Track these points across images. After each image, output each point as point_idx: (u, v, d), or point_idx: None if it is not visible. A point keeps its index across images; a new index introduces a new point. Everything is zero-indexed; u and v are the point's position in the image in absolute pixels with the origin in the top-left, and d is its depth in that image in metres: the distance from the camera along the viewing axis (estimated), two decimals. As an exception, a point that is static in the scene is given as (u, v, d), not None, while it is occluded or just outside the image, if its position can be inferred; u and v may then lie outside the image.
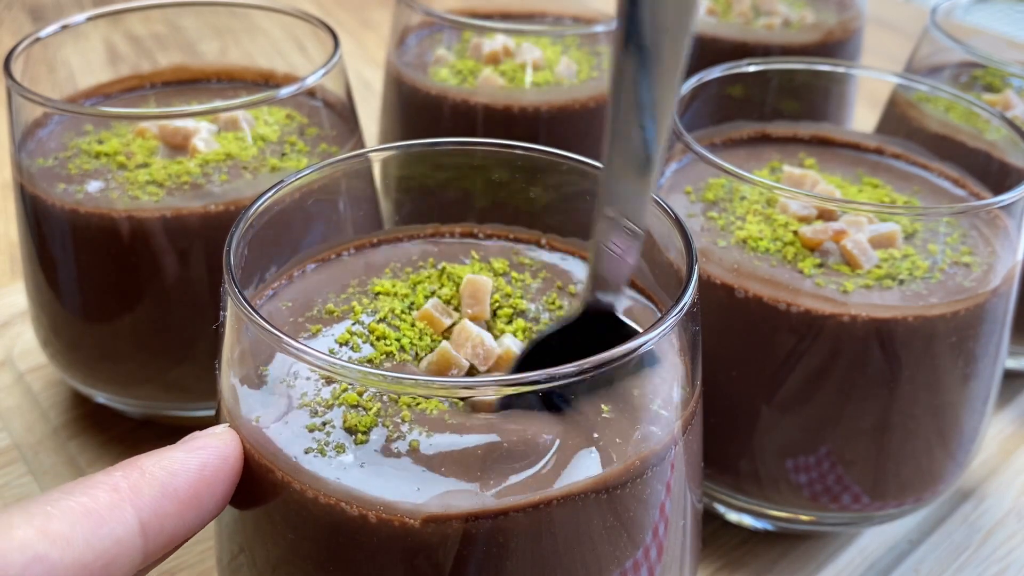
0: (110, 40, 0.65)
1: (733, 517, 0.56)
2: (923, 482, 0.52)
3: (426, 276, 0.43)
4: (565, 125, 0.67)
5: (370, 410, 0.34)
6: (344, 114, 0.61)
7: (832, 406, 0.49)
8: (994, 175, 0.56)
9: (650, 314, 0.42)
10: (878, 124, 0.71)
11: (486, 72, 0.68)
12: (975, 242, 0.51)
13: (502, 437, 0.33)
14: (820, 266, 0.49)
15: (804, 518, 0.53)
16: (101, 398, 0.60)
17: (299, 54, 0.67)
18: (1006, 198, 0.48)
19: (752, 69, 0.60)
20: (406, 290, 0.43)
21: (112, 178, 0.54)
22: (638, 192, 0.34)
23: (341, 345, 0.40)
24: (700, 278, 0.39)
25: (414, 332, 0.40)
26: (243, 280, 0.39)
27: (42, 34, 0.60)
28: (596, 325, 0.38)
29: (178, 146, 0.56)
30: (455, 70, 0.70)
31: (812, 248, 0.50)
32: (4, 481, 0.57)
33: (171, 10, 0.67)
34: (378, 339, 0.40)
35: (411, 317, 0.41)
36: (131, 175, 0.54)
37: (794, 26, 0.83)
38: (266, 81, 0.67)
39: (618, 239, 0.36)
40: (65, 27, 0.61)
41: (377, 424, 0.34)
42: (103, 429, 0.61)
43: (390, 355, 0.39)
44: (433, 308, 0.41)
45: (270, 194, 0.40)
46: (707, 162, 0.49)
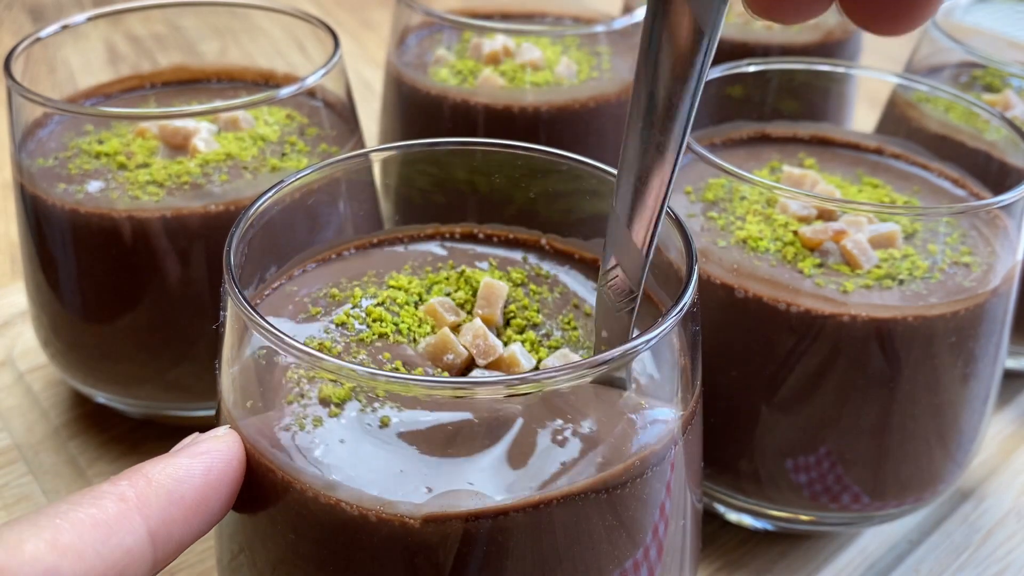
0: (110, 40, 0.65)
1: (733, 517, 0.56)
2: (923, 482, 0.52)
3: (444, 277, 0.44)
4: (565, 125, 0.67)
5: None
6: (344, 114, 0.61)
7: (832, 406, 0.49)
8: (994, 175, 0.56)
9: (650, 314, 0.42)
10: (878, 124, 0.71)
11: (486, 72, 0.68)
12: (975, 242, 0.51)
13: (503, 437, 0.33)
14: (820, 266, 0.49)
15: (804, 518, 0.53)
16: (101, 398, 0.60)
17: (299, 54, 0.67)
18: (1006, 198, 0.48)
19: (752, 69, 0.60)
20: (420, 289, 0.43)
21: (112, 178, 0.54)
22: (636, 255, 0.35)
23: (337, 326, 0.40)
24: (700, 278, 0.39)
25: (413, 320, 0.41)
26: (243, 280, 0.39)
27: (42, 34, 0.60)
28: None
29: (178, 146, 0.56)
30: (455, 70, 0.70)
31: (812, 248, 0.50)
32: (4, 481, 0.57)
33: (171, 10, 0.67)
34: (374, 320, 0.40)
35: (414, 309, 0.41)
36: (131, 175, 0.54)
37: (794, 26, 0.83)
38: (266, 81, 0.67)
39: (614, 288, 0.36)
40: (65, 27, 0.61)
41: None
42: (103, 429, 0.61)
43: (383, 336, 0.40)
44: (439, 304, 0.41)
45: (270, 194, 0.40)
46: (707, 162, 0.49)
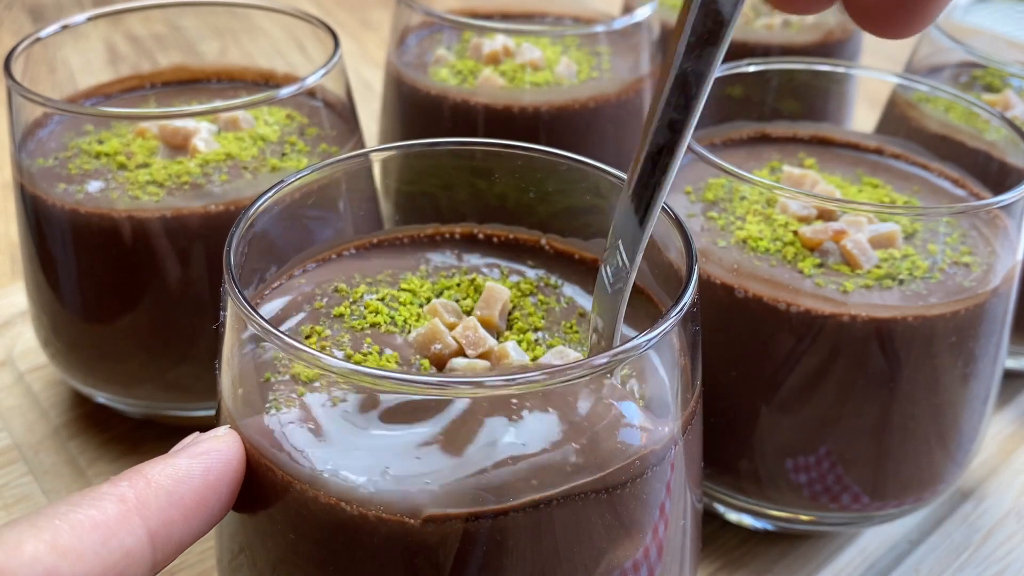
0: (110, 40, 0.65)
1: (733, 517, 0.56)
2: (923, 482, 0.52)
3: (456, 283, 0.44)
4: (565, 125, 0.67)
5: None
6: (344, 114, 0.61)
7: (832, 406, 0.49)
8: (994, 175, 0.56)
9: (650, 314, 0.42)
10: (878, 124, 0.71)
11: (486, 72, 0.68)
12: (975, 242, 0.51)
13: (503, 437, 0.33)
14: (820, 266, 0.49)
15: (804, 518, 0.53)
16: (101, 398, 0.60)
17: (299, 54, 0.67)
18: (1006, 198, 0.48)
19: (752, 69, 0.60)
20: (430, 293, 0.43)
21: (112, 178, 0.54)
22: (637, 231, 0.35)
23: (335, 318, 0.41)
24: (700, 278, 0.39)
25: (412, 315, 0.41)
26: (243, 280, 0.39)
27: (42, 34, 0.60)
28: None
29: (178, 146, 0.56)
30: (455, 70, 0.70)
31: (812, 248, 0.50)
32: (4, 481, 0.57)
33: (171, 10, 0.67)
34: (371, 312, 0.41)
35: (417, 308, 0.42)
36: (131, 175, 0.54)
37: (794, 26, 0.83)
38: (266, 81, 0.67)
39: (612, 265, 0.36)
40: (65, 27, 0.61)
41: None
42: (103, 429, 0.61)
43: (375, 325, 0.40)
44: (441, 305, 0.41)
45: (270, 194, 0.40)
46: (707, 162, 0.49)
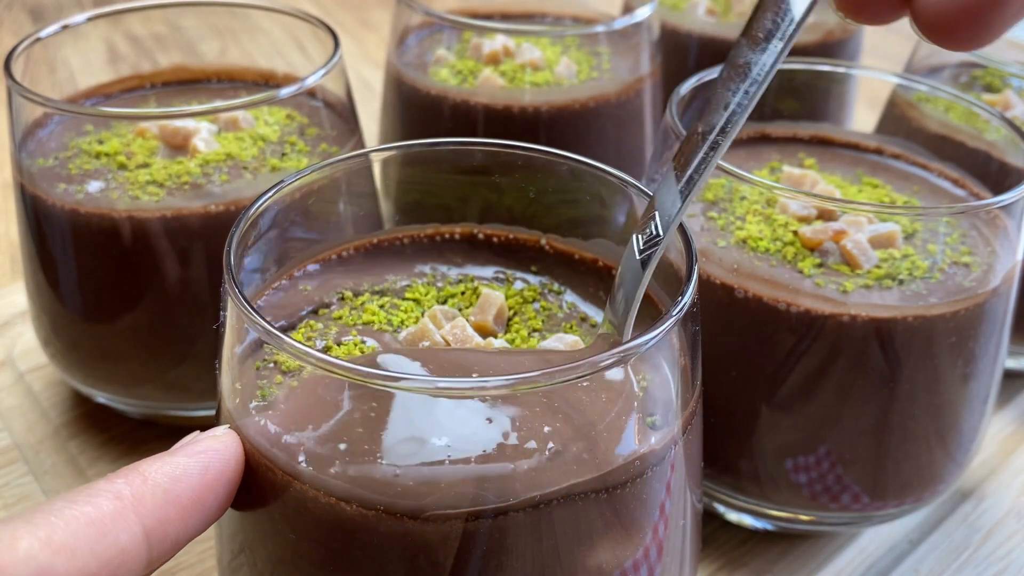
0: (110, 40, 0.65)
1: (733, 517, 0.56)
2: (923, 482, 0.52)
3: (460, 291, 0.44)
4: (565, 125, 0.67)
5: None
6: (344, 114, 0.61)
7: (832, 406, 0.49)
8: (994, 175, 0.56)
9: (650, 314, 0.42)
10: (878, 124, 0.71)
11: (486, 72, 0.68)
12: (975, 242, 0.51)
13: (503, 436, 0.33)
14: (820, 266, 0.49)
15: (804, 518, 0.53)
16: (101, 398, 0.60)
17: (299, 54, 0.67)
18: (1006, 198, 0.48)
19: (752, 69, 0.60)
20: (434, 301, 0.43)
21: (112, 178, 0.54)
22: (676, 202, 0.35)
23: (335, 319, 0.41)
24: (700, 278, 0.39)
25: (410, 318, 0.41)
26: (243, 280, 0.39)
27: (42, 34, 0.60)
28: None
29: (178, 146, 0.56)
30: (455, 70, 0.70)
31: (812, 248, 0.50)
32: (4, 481, 0.57)
33: (171, 10, 0.67)
34: (368, 313, 0.41)
35: (418, 314, 0.42)
36: (131, 175, 0.54)
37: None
38: (266, 81, 0.67)
39: (645, 233, 0.36)
40: (65, 27, 0.61)
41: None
42: (103, 429, 0.61)
43: (368, 323, 0.40)
44: (440, 311, 0.41)
45: (270, 194, 0.40)
46: (707, 162, 0.49)
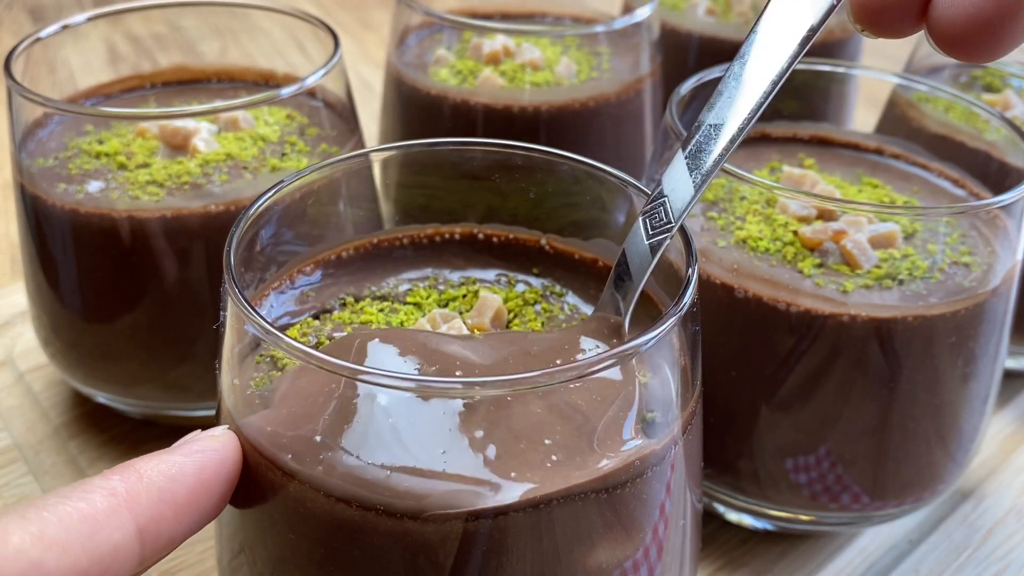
0: (110, 40, 0.65)
1: (733, 517, 0.56)
2: (923, 482, 0.52)
3: (461, 294, 0.44)
4: (565, 125, 0.67)
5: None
6: (344, 114, 0.61)
7: (832, 406, 0.49)
8: (994, 175, 0.56)
9: (650, 314, 0.43)
10: (878, 124, 0.71)
11: (486, 72, 0.68)
12: (975, 242, 0.51)
13: (503, 436, 0.33)
14: (820, 266, 0.49)
15: (804, 518, 0.53)
16: (101, 398, 0.60)
17: (299, 54, 0.67)
18: (1006, 198, 0.48)
19: (752, 69, 0.60)
20: (433, 305, 0.43)
21: (112, 178, 0.54)
22: (689, 189, 0.36)
23: (335, 320, 0.41)
24: (700, 278, 0.39)
25: (409, 320, 0.41)
26: (243, 280, 0.39)
27: (42, 34, 0.60)
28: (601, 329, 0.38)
29: (178, 146, 0.56)
30: (455, 70, 0.70)
31: (812, 248, 0.50)
32: (4, 481, 0.57)
33: (171, 10, 0.67)
34: (369, 316, 0.41)
35: (417, 315, 0.42)
36: (131, 175, 0.54)
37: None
38: (266, 81, 0.67)
39: (654, 218, 0.37)
40: (65, 27, 0.61)
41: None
42: (103, 429, 0.61)
43: (365, 324, 0.41)
44: (440, 314, 0.41)
45: (270, 194, 0.40)
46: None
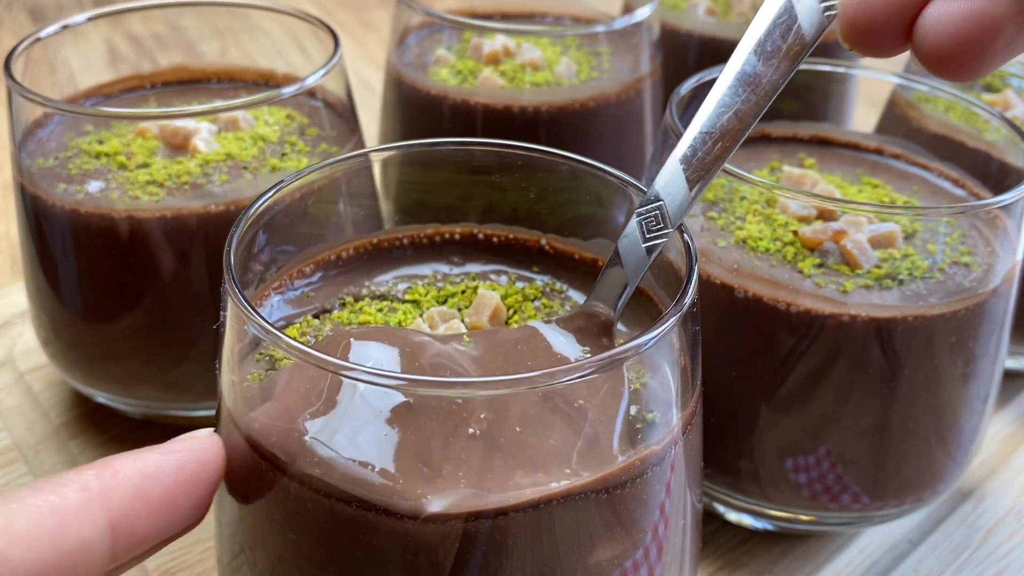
0: (110, 40, 0.65)
1: (733, 517, 0.56)
2: (923, 482, 0.52)
3: (460, 290, 0.44)
4: (565, 125, 0.67)
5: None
6: (344, 114, 0.61)
7: (832, 406, 0.49)
8: (994, 175, 0.56)
9: (650, 314, 0.43)
10: (878, 124, 0.71)
11: (486, 72, 0.68)
12: (975, 242, 0.51)
13: (503, 436, 0.33)
14: (820, 266, 0.49)
15: (804, 518, 0.53)
16: (101, 398, 0.60)
17: (299, 54, 0.67)
18: (1006, 198, 0.48)
19: (752, 69, 0.60)
20: (433, 302, 0.43)
21: (112, 178, 0.54)
22: (685, 189, 0.36)
23: (334, 320, 0.41)
24: (700, 278, 0.39)
25: (408, 319, 0.41)
26: (243, 280, 0.39)
27: (42, 34, 0.60)
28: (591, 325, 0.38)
29: (178, 146, 0.56)
30: (455, 70, 0.70)
31: (812, 248, 0.50)
32: (4, 481, 0.57)
33: (171, 10, 0.67)
34: (368, 315, 0.41)
35: (417, 315, 0.42)
36: (131, 175, 0.54)
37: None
38: (266, 81, 0.67)
39: (649, 221, 0.37)
40: (65, 27, 0.61)
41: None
42: (103, 429, 0.61)
43: (364, 324, 0.41)
44: (438, 312, 0.41)
45: (270, 194, 0.40)
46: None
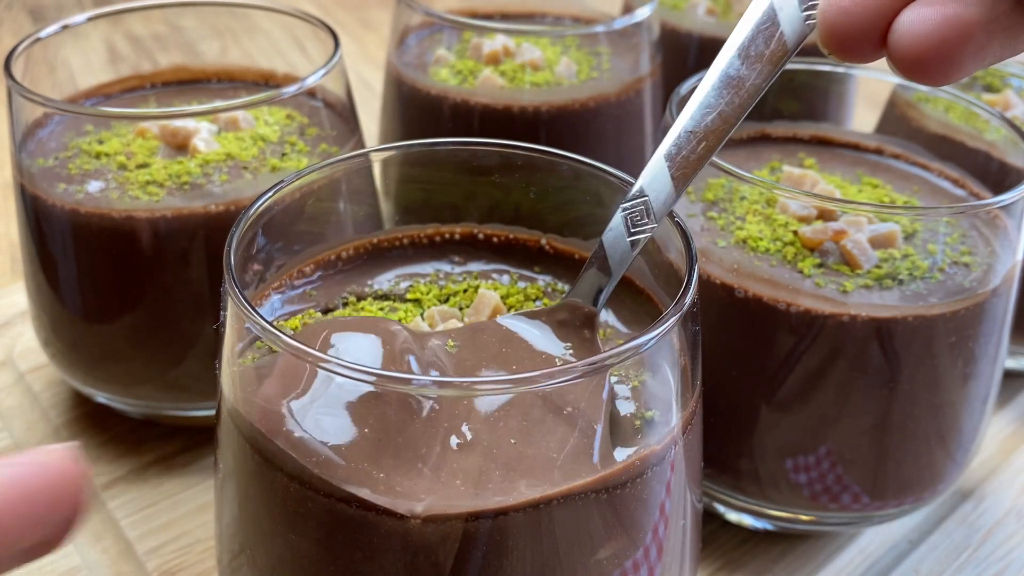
0: (110, 40, 0.65)
1: (733, 517, 0.56)
2: (923, 482, 0.52)
3: (462, 289, 0.44)
4: (565, 125, 0.67)
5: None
6: (344, 114, 0.61)
7: (832, 406, 0.49)
8: (994, 175, 0.56)
9: (650, 314, 0.43)
10: (878, 124, 0.71)
11: (486, 72, 0.68)
12: (975, 242, 0.51)
13: (503, 437, 0.33)
14: (820, 266, 0.49)
15: (804, 518, 0.53)
16: (101, 398, 0.60)
17: (299, 54, 0.67)
18: (1006, 198, 0.48)
19: (752, 69, 0.60)
20: (435, 301, 0.43)
21: (112, 178, 0.54)
22: (669, 186, 0.36)
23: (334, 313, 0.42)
24: (700, 278, 0.39)
25: (408, 318, 0.41)
26: (243, 280, 0.39)
27: (42, 34, 0.60)
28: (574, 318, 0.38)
29: (178, 146, 0.56)
30: (455, 70, 0.70)
31: (812, 248, 0.50)
32: (4, 481, 0.57)
33: (171, 10, 0.67)
34: (365, 312, 0.41)
35: (416, 312, 0.42)
36: (131, 175, 0.54)
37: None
38: (266, 81, 0.67)
39: (634, 215, 0.37)
40: (65, 27, 0.61)
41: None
42: (103, 429, 0.61)
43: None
44: (438, 311, 0.41)
45: (270, 194, 0.40)
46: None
